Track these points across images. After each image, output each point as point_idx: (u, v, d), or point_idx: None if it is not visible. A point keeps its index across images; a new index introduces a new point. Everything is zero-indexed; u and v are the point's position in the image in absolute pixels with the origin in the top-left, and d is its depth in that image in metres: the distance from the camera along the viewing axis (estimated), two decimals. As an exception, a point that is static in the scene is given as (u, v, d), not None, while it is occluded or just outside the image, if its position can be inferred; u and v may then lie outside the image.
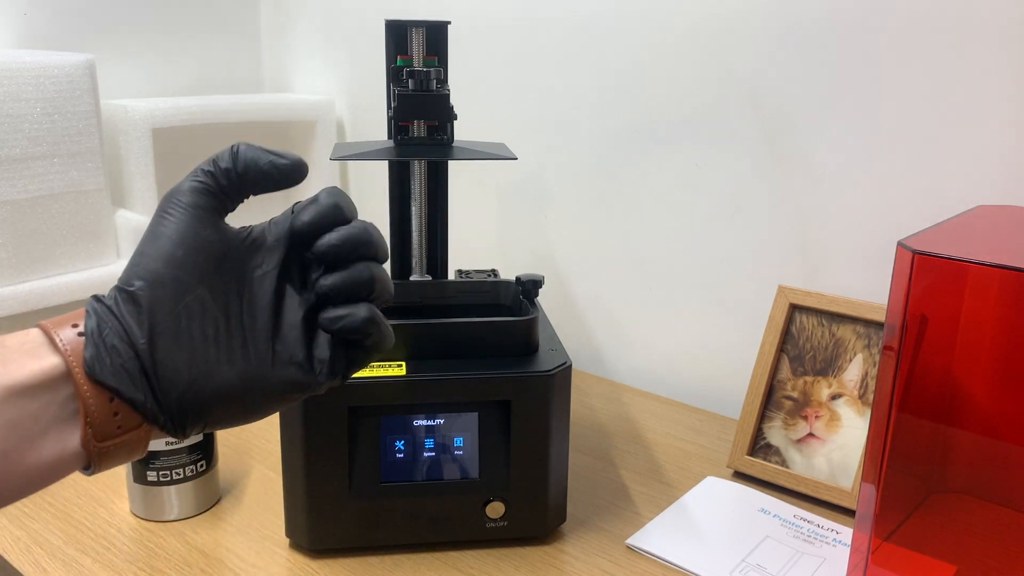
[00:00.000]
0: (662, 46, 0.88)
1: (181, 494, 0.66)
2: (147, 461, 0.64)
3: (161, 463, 0.64)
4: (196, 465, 0.66)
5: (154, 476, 0.64)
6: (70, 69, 0.94)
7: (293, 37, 1.28)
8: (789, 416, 0.74)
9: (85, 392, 0.33)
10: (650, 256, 0.94)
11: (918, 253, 0.49)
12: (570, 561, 0.62)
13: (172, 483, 0.65)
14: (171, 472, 0.65)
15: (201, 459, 0.66)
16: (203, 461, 0.66)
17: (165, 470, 0.64)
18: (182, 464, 0.65)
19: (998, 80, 0.68)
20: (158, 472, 0.64)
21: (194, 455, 0.66)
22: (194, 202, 0.36)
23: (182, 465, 0.65)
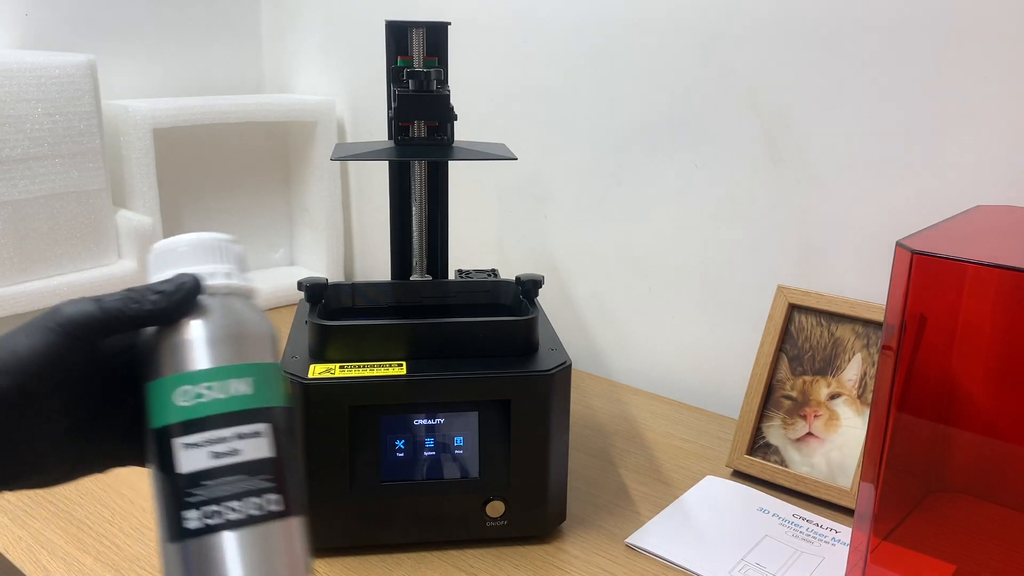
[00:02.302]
0: (662, 46, 0.88)
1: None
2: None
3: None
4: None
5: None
6: (71, 70, 0.94)
7: (294, 38, 1.28)
8: (788, 415, 0.74)
9: None
10: (650, 256, 0.94)
11: (917, 253, 0.49)
12: (570, 560, 0.62)
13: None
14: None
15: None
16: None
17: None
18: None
19: (998, 80, 0.69)
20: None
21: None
22: (75, 325, 0.36)
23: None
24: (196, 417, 0.34)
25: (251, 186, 1.24)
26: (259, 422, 0.35)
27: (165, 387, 0.35)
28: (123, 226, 1.02)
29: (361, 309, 0.71)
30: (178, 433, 0.34)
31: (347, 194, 1.28)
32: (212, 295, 0.37)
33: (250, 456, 0.34)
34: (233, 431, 0.34)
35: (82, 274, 0.98)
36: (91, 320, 0.35)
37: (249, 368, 0.36)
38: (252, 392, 0.35)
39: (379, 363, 0.60)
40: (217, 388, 0.35)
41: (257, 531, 0.34)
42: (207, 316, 0.36)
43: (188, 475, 0.34)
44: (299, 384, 0.58)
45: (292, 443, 0.36)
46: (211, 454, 0.33)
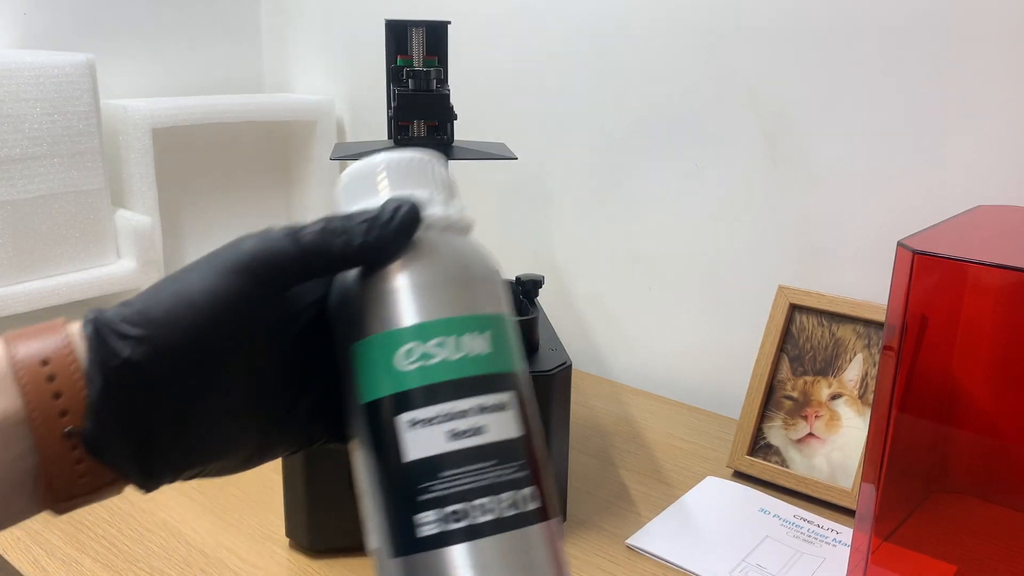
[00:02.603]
0: (662, 45, 0.88)
1: None
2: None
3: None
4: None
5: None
6: (70, 69, 0.94)
7: (293, 37, 1.28)
8: (789, 416, 0.74)
9: (47, 455, 0.26)
10: (650, 256, 0.94)
11: (918, 253, 0.49)
12: (570, 561, 0.62)
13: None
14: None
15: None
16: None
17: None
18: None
19: (999, 79, 0.68)
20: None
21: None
22: (258, 266, 0.28)
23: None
24: (426, 384, 0.26)
25: (250, 186, 1.24)
26: (503, 390, 0.27)
27: (380, 347, 0.27)
28: (122, 226, 1.02)
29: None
30: (401, 407, 0.26)
31: (347, 194, 1.28)
32: (429, 228, 0.29)
33: (498, 436, 0.26)
34: (474, 403, 0.26)
35: (81, 274, 0.98)
36: (284, 259, 0.28)
37: (486, 320, 0.28)
38: (491, 351, 0.27)
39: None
40: (450, 346, 0.27)
41: (514, 539, 0.25)
42: (430, 254, 0.28)
43: (419, 463, 0.25)
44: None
45: (537, 417, 0.28)
46: (449, 434, 0.25)
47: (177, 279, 0.28)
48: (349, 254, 0.28)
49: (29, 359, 0.27)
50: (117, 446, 0.27)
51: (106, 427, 0.26)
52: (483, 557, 0.25)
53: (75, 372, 0.27)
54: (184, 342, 0.27)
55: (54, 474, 0.26)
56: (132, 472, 0.28)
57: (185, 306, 0.27)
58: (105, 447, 0.27)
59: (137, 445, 0.27)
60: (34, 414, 0.26)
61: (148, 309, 0.27)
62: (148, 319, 0.27)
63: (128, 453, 0.27)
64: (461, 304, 0.27)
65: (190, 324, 0.27)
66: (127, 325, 0.27)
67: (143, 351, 0.26)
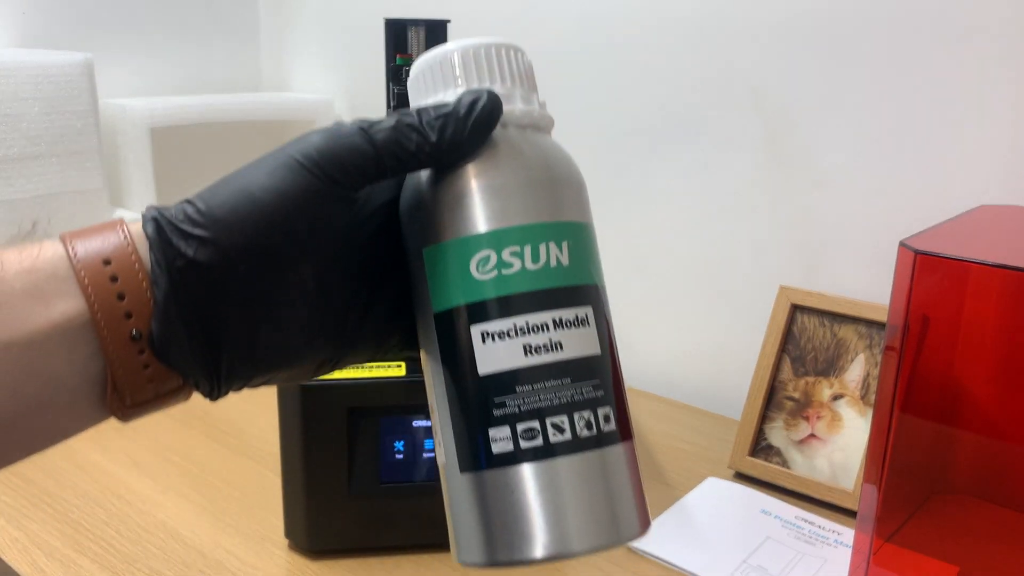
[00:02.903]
0: (663, 45, 0.87)
1: None
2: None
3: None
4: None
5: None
6: (68, 68, 0.94)
7: (292, 36, 1.28)
8: (790, 417, 0.73)
9: (114, 358, 0.25)
10: (651, 256, 0.94)
11: (920, 253, 0.49)
12: (570, 562, 0.62)
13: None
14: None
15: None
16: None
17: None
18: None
19: (1000, 79, 0.68)
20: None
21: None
22: (340, 169, 0.26)
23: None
24: (501, 296, 0.25)
25: (250, 185, 1.24)
26: (582, 304, 0.26)
27: (453, 253, 0.25)
28: (121, 226, 1.02)
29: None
30: (476, 318, 0.25)
31: (346, 193, 1.28)
32: (506, 126, 0.27)
33: (576, 352, 0.25)
34: (551, 316, 0.25)
35: (79, 274, 0.98)
36: (355, 156, 0.26)
37: (566, 228, 0.26)
38: (570, 263, 0.26)
39: (378, 364, 0.60)
40: (528, 255, 0.25)
41: (588, 460, 0.24)
42: (509, 154, 0.26)
43: (493, 378, 0.24)
44: (297, 386, 0.57)
45: (614, 335, 0.27)
46: (525, 348, 0.24)
47: (243, 175, 0.27)
48: (424, 152, 0.26)
49: (90, 258, 0.25)
50: (184, 350, 0.26)
51: (173, 330, 0.26)
52: (556, 477, 0.24)
53: (139, 272, 0.26)
54: (249, 243, 0.25)
55: (120, 378, 0.26)
56: (200, 377, 0.27)
57: (250, 204, 0.26)
58: (172, 350, 0.26)
59: (204, 349, 0.26)
60: (98, 316, 0.25)
61: (212, 207, 0.26)
62: (212, 218, 0.26)
63: (195, 358, 0.26)
64: (541, 210, 0.26)
65: (255, 224, 0.25)
66: (190, 224, 0.26)
67: (208, 252, 0.25)
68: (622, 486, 0.25)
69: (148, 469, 0.73)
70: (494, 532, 0.24)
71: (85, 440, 0.77)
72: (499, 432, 0.24)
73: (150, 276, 0.26)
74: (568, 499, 0.24)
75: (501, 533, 0.24)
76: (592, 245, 0.28)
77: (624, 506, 0.25)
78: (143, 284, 0.26)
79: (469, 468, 0.25)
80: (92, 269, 0.25)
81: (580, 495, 0.24)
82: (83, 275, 0.25)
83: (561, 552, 0.24)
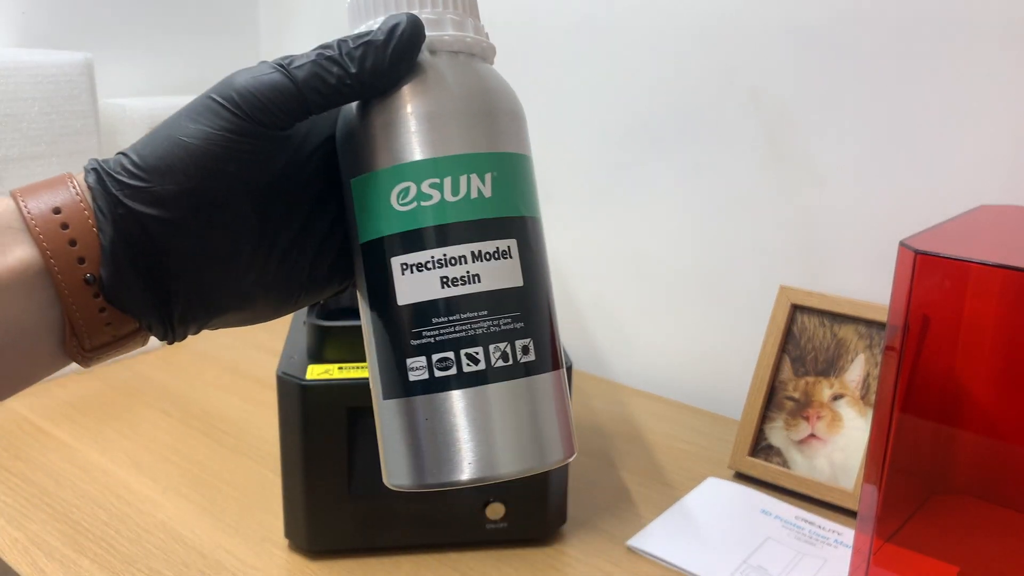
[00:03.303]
0: (663, 44, 0.87)
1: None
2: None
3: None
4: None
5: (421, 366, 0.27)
6: (68, 68, 0.94)
7: (292, 36, 1.28)
8: (790, 417, 0.73)
9: (70, 302, 0.26)
10: (651, 256, 0.94)
11: (920, 253, 0.49)
12: (570, 563, 0.62)
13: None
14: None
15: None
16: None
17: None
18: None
19: (1001, 79, 0.68)
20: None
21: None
22: (264, 111, 0.26)
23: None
24: (419, 228, 0.25)
25: (249, 185, 1.24)
26: (504, 237, 0.26)
27: (376, 184, 0.25)
28: (121, 226, 1.02)
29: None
30: (396, 249, 0.25)
31: (346, 193, 1.28)
32: (436, 53, 0.27)
33: (493, 284, 0.25)
34: (469, 249, 0.25)
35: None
36: (277, 95, 0.26)
37: (491, 159, 0.26)
38: (493, 194, 0.26)
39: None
40: (448, 187, 0.25)
41: (506, 390, 0.25)
42: (433, 82, 0.26)
43: (411, 308, 0.25)
44: (297, 385, 0.57)
45: (544, 266, 0.27)
46: (441, 280, 0.25)
47: (172, 123, 0.27)
48: (346, 84, 0.26)
49: (40, 209, 0.26)
50: (135, 293, 0.27)
51: (122, 274, 0.26)
52: (472, 406, 0.25)
53: (89, 219, 0.27)
54: (182, 188, 0.26)
55: (77, 321, 0.26)
56: (152, 320, 0.28)
57: (179, 150, 0.26)
58: (123, 294, 0.27)
59: (154, 292, 0.27)
60: (52, 261, 0.26)
61: (144, 156, 0.27)
62: (145, 167, 0.26)
63: (146, 300, 0.27)
64: (463, 141, 0.25)
65: (185, 169, 0.26)
66: (125, 175, 0.26)
67: (144, 199, 0.26)
68: (544, 414, 0.26)
69: (148, 469, 0.73)
70: (420, 457, 0.25)
71: (85, 440, 0.77)
72: (416, 361, 0.25)
73: (96, 223, 0.27)
74: (486, 426, 0.24)
75: (426, 458, 0.25)
76: (522, 176, 0.27)
77: (546, 433, 0.25)
78: (93, 230, 0.26)
79: (390, 395, 0.26)
80: (43, 218, 0.26)
81: (498, 422, 0.25)
82: (34, 224, 0.26)
83: (484, 475, 0.24)
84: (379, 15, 0.27)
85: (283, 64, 0.27)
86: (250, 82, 0.27)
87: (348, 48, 0.26)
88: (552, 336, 0.27)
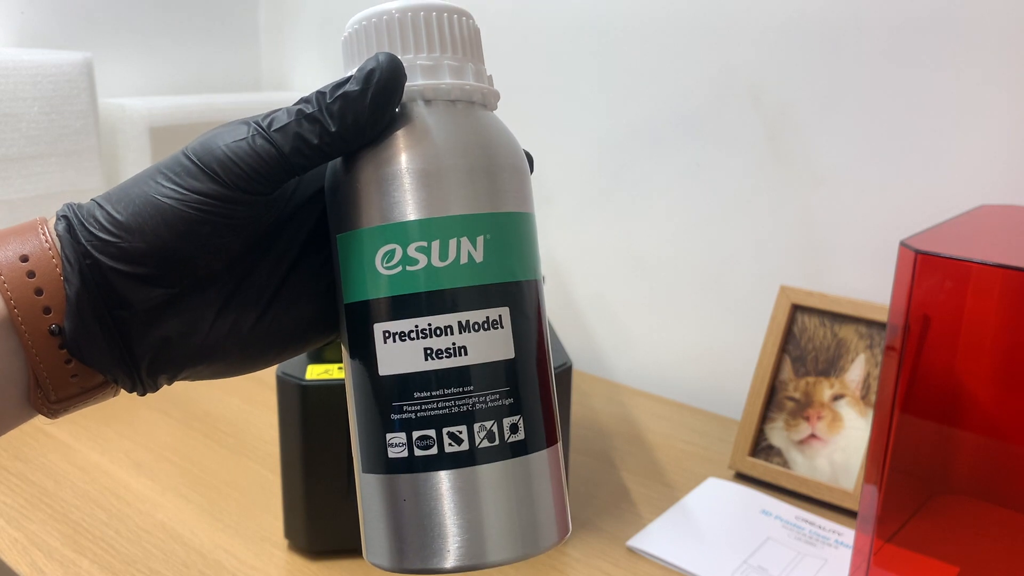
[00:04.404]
0: (663, 44, 0.87)
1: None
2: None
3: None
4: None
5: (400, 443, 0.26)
6: (67, 68, 0.94)
7: (292, 35, 1.28)
8: (791, 417, 0.73)
9: (34, 353, 0.26)
10: (651, 256, 0.93)
11: (921, 253, 0.49)
12: (570, 563, 0.62)
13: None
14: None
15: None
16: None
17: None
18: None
19: (1001, 79, 0.68)
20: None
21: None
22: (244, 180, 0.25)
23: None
24: (404, 293, 0.23)
25: (249, 185, 1.24)
26: (495, 305, 0.24)
27: (360, 244, 0.24)
28: (120, 226, 1.02)
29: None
30: (379, 315, 0.24)
31: (346, 193, 1.28)
32: (431, 102, 0.25)
33: (481, 357, 0.23)
34: (456, 318, 0.23)
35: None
36: (258, 163, 0.25)
37: (484, 220, 0.24)
38: (484, 258, 0.24)
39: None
40: (435, 251, 0.23)
41: (491, 472, 0.23)
42: (424, 135, 0.24)
43: (392, 379, 0.23)
44: (297, 385, 0.57)
45: (540, 333, 0.25)
46: (425, 352, 0.23)
47: (146, 179, 0.26)
48: (327, 144, 0.24)
49: (7, 255, 0.26)
50: (98, 346, 0.26)
51: (87, 327, 0.26)
52: (451, 489, 0.23)
53: (56, 268, 0.26)
54: (152, 247, 0.25)
55: (42, 373, 0.26)
56: (119, 373, 0.27)
57: (152, 209, 0.25)
58: (87, 347, 0.26)
59: (119, 346, 0.26)
60: (16, 310, 0.25)
61: (118, 210, 0.26)
62: (116, 222, 0.26)
63: (112, 353, 0.26)
64: (455, 200, 0.24)
65: (156, 228, 0.25)
66: (96, 226, 0.26)
67: (111, 253, 0.25)
68: (534, 496, 0.24)
69: (148, 469, 0.73)
70: (400, 539, 0.23)
71: (85, 440, 0.77)
72: (396, 437, 0.23)
73: (64, 273, 0.26)
74: (472, 510, 0.23)
75: (407, 540, 0.23)
76: (519, 237, 0.25)
77: (537, 516, 0.24)
78: (59, 280, 0.26)
79: (369, 469, 0.24)
80: (9, 265, 0.26)
81: (484, 507, 0.23)
82: (1, 270, 0.25)
83: (469, 563, 0.23)
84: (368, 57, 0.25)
85: (262, 126, 0.26)
86: (230, 148, 0.25)
87: (326, 103, 0.25)
88: (547, 409, 0.25)
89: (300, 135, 0.25)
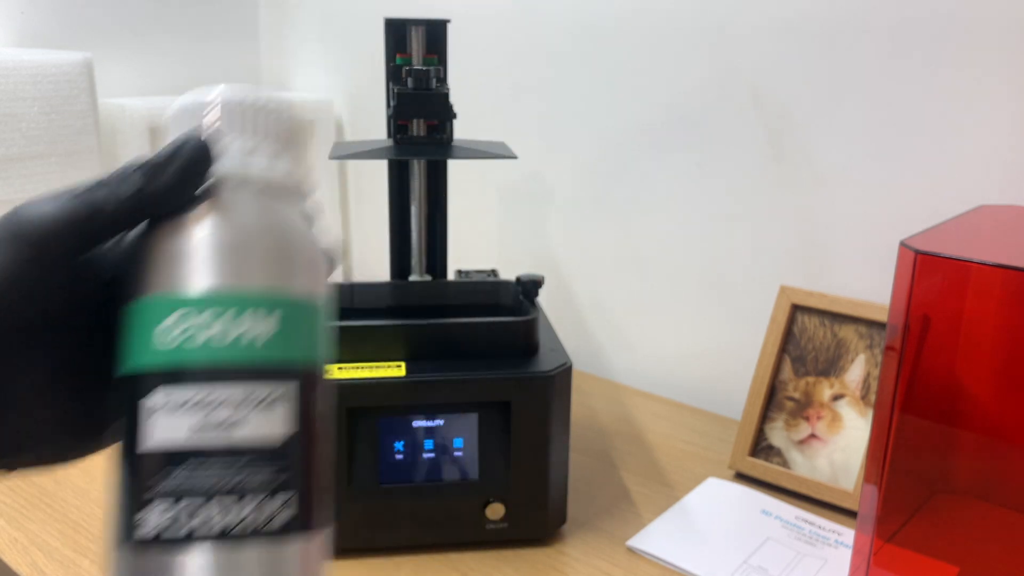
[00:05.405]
0: (663, 44, 0.87)
1: None
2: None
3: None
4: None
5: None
6: (67, 68, 0.94)
7: (292, 35, 1.28)
8: (791, 417, 0.73)
9: None
10: (651, 256, 0.93)
11: (920, 253, 0.49)
12: (570, 563, 0.62)
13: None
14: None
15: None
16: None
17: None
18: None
19: (1001, 79, 0.68)
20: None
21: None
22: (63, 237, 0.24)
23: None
24: (179, 366, 0.23)
25: (249, 185, 1.24)
26: (277, 381, 0.23)
27: (144, 313, 0.23)
28: (120, 226, 1.02)
29: (360, 310, 0.70)
30: (150, 386, 0.23)
31: (345, 193, 1.28)
32: (240, 185, 0.25)
33: (253, 433, 0.23)
34: (233, 392, 0.23)
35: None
36: (57, 226, 0.24)
37: (273, 299, 0.24)
38: (273, 336, 0.24)
39: (378, 364, 0.60)
40: (219, 324, 0.23)
41: (251, 554, 0.23)
42: (222, 210, 0.24)
43: (152, 456, 0.22)
44: (297, 385, 0.57)
45: (324, 417, 0.25)
46: (193, 425, 0.22)
47: None
48: (123, 210, 0.24)
49: None
50: None
51: None
52: (205, 568, 0.22)
53: None
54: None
55: None
56: None
57: None
58: None
59: None
60: None
61: None
62: None
63: None
64: (249, 273, 0.23)
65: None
66: None
67: None
68: None
69: (147, 469, 0.73)
70: None
71: (84, 440, 0.77)
72: (144, 514, 0.22)
73: None
74: None
75: None
76: (310, 322, 0.25)
77: None
78: None
79: (117, 545, 0.23)
80: None
81: None
82: None
83: None
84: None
85: (71, 190, 0.25)
86: (32, 213, 0.24)
87: (129, 172, 0.24)
88: (320, 492, 0.25)
89: (94, 199, 0.24)
